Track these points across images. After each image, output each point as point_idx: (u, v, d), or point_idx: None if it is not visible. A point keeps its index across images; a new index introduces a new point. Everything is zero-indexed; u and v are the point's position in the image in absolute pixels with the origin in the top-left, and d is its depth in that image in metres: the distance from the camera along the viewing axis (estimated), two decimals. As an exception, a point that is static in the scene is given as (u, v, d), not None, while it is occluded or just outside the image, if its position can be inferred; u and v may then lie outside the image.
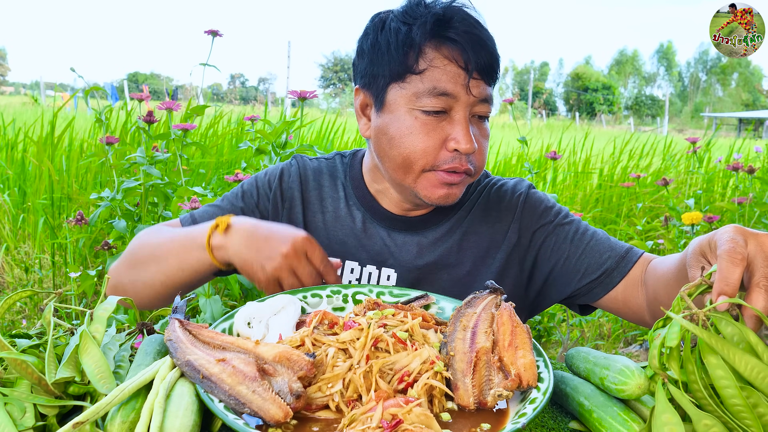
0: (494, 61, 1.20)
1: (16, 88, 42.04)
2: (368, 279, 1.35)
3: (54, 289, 3.30)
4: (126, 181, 2.79)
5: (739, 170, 3.65)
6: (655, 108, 72.55)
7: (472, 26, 1.19)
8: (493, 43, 1.22)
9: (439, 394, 0.81)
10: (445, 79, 1.17)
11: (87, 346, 0.84)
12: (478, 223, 1.37)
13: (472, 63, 1.17)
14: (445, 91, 1.17)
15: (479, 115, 1.23)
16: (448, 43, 1.18)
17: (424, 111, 1.19)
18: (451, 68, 1.18)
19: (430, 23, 1.18)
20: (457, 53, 1.18)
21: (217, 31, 2.85)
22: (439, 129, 1.19)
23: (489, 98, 1.22)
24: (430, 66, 1.18)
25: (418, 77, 1.19)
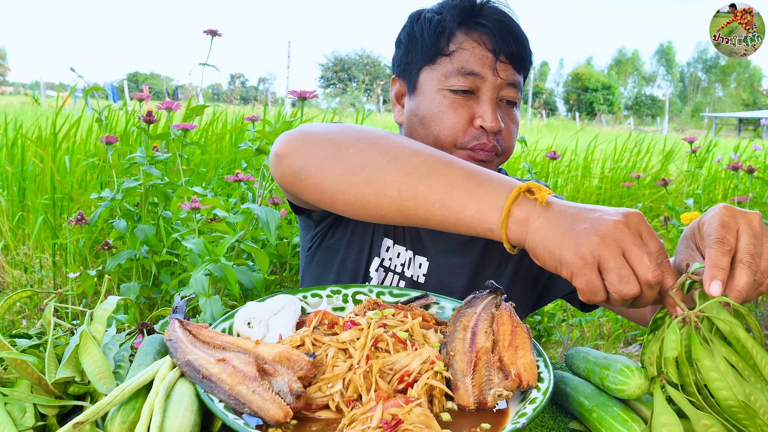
0: (522, 49, 1.25)
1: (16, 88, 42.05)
2: (409, 265, 1.36)
3: (54, 289, 3.31)
4: (126, 181, 2.79)
5: (739, 170, 3.65)
6: (654, 108, 72.55)
7: (503, 16, 1.25)
8: (523, 34, 1.26)
9: (439, 394, 0.81)
10: (473, 60, 1.23)
11: (87, 346, 0.84)
12: None
13: (500, 47, 1.22)
14: (473, 71, 1.22)
15: (507, 100, 1.26)
16: (478, 28, 1.24)
17: (452, 90, 1.23)
18: (479, 51, 1.23)
19: (461, 9, 1.25)
20: (486, 37, 1.23)
21: (216, 31, 2.85)
22: (466, 107, 1.23)
23: (517, 84, 1.25)
24: (459, 48, 1.24)
25: (447, 59, 1.24)
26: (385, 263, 1.37)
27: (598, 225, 0.77)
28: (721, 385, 0.72)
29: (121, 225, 2.68)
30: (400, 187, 0.90)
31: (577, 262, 0.77)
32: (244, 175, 2.72)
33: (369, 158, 0.92)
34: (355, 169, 0.92)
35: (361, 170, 0.92)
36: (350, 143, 0.94)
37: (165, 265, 2.92)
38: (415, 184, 0.89)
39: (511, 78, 1.24)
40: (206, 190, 2.83)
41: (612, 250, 0.76)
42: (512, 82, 1.25)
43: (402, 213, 0.92)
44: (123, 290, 2.65)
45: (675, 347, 0.74)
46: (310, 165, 0.96)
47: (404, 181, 0.90)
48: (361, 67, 74.38)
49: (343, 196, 0.94)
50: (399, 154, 0.92)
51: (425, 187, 0.89)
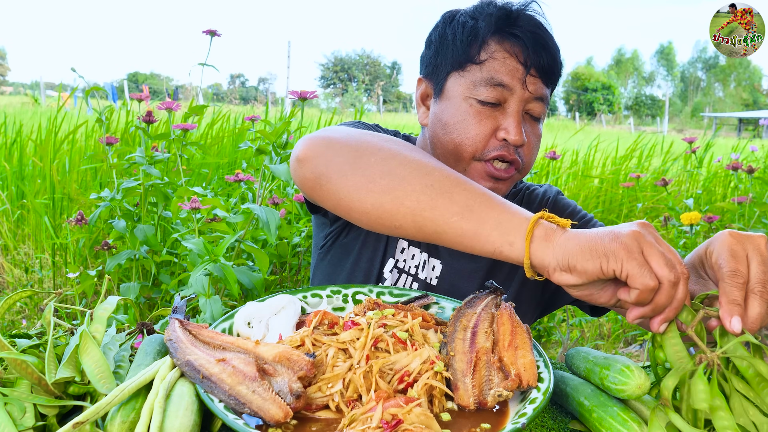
0: (554, 64, 1.23)
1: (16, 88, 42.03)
2: (423, 267, 1.36)
3: (54, 289, 3.30)
4: (125, 181, 2.79)
5: (739, 170, 3.65)
6: (654, 108, 72.57)
7: (537, 27, 1.22)
8: (556, 47, 1.24)
9: (439, 394, 0.81)
10: (503, 71, 1.21)
11: (87, 346, 0.84)
12: None
13: (532, 60, 1.20)
14: (502, 82, 1.20)
15: (532, 115, 1.25)
16: (511, 39, 1.21)
17: (479, 100, 1.21)
18: (510, 62, 1.21)
19: (496, 18, 1.22)
20: (518, 49, 1.21)
21: (215, 31, 2.85)
22: (491, 118, 1.22)
23: (544, 98, 1.24)
24: (490, 57, 1.21)
25: (477, 67, 1.22)
26: (399, 264, 1.37)
27: (618, 233, 0.78)
28: None
29: (121, 225, 2.68)
30: (420, 197, 0.89)
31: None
32: (244, 175, 2.72)
33: (390, 168, 0.92)
34: (375, 177, 0.92)
35: (381, 179, 0.91)
36: (372, 152, 0.94)
37: (165, 265, 2.92)
38: (436, 195, 0.89)
39: (539, 92, 1.23)
40: (206, 190, 2.83)
41: (634, 261, 0.76)
42: (540, 96, 1.23)
43: (417, 225, 0.90)
44: (123, 290, 2.65)
45: (705, 399, 0.72)
46: (330, 171, 0.95)
47: (424, 192, 0.89)
48: (361, 67, 74.38)
49: (360, 203, 0.93)
50: (421, 166, 0.91)
51: (446, 199, 0.88)
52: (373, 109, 16.64)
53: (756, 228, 3.40)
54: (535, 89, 1.22)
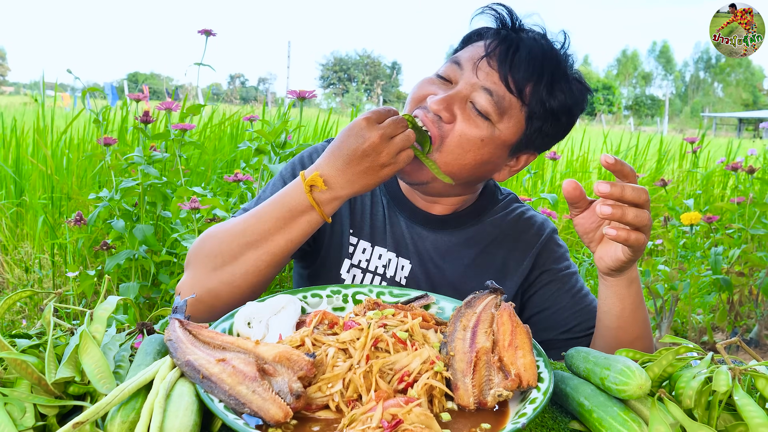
0: (517, 65, 1.18)
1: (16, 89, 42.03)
2: (388, 263, 1.37)
3: (54, 289, 3.30)
4: (124, 181, 2.79)
5: (739, 170, 3.65)
6: (654, 108, 72.58)
7: (534, 40, 1.21)
8: (539, 62, 1.19)
9: (439, 394, 0.81)
10: (467, 53, 1.23)
11: (87, 346, 0.84)
12: (496, 246, 1.38)
13: (496, 48, 1.19)
14: (458, 61, 1.23)
15: (476, 108, 1.19)
16: (497, 34, 1.23)
17: (437, 73, 1.25)
18: (478, 48, 1.23)
19: (501, 19, 1.25)
20: (491, 38, 1.22)
21: (210, 31, 2.85)
22: (434, 88, 1.23)
23: (493, 92, 1.18)
24: (470, 45, 1.26)
25: (459, 52, 1.26)
26: (362, 264, 1.37)
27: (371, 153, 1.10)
28: None
29: (120, 225, 2.68)
30: (261, 259, 1.17)
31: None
32: (243, 175, 2.72)
33: (226, 260, 1.19)
34: (226, 272, 1.19)
35: (230, 267, 1.19)
36: (210, 262, 1.21)
37: (164, 265, 2.92)
38: (269, 249, 1.17)
39: (488, 84, 1.18)
40: (205, 190, 2.83)
41: (389, 152, 1.11)
42: (488, 88, 1.18)
43: (271, 254, 1.17)
44: (122, 290, 2.65)
45: (726, 383, 0.77)
46: (207, 288, 1.20)
47: (248, 246, 1.18)
48: (361, 67, 74.37)
49: (232, 287, 1.19)
50: (237, 234, 1.19)
51: (273, 245, 1.17)
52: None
53: (756, 228, 3.40)
54: (485, 78, 1.19)
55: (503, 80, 1.19)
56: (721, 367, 0.80)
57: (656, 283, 3.03)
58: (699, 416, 0.79)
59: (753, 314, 3.51)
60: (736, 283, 3.33)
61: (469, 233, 1.38)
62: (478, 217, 1.39)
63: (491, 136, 1.21)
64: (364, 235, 1.38)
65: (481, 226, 1.39)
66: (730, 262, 3.34)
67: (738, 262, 3.52)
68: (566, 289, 1.36)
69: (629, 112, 69.27)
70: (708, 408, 0.80)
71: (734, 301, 3.51)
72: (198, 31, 2.86)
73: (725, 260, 3.32)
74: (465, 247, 1.37)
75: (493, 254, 1.38)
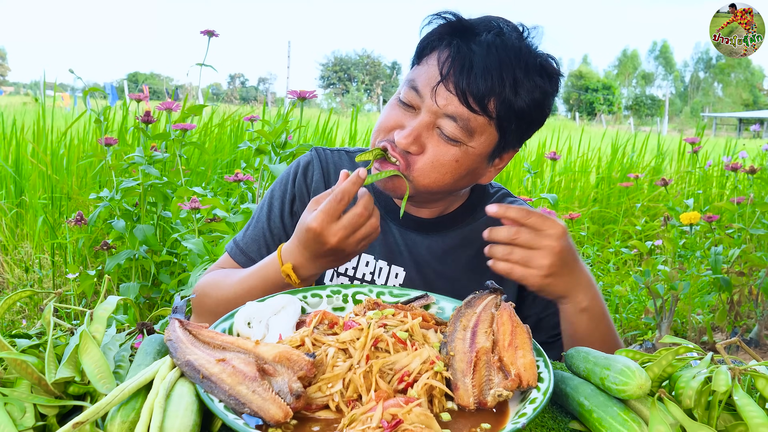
0: (474, 83, 1.12)
1: (17, 89, 42.00)
2: (379, 274, 1.36)
3: (54, 289, 3.30)
4: (124, 181, 2.79)
5: (738, 170, 3.65)
6: (654, 108, 72.60)
7: (485, 46, 1.13)
8: (497, 71, 1.13)
9: (439, 394, 0.81)
10: (423, 77, 1.17)
11: (87, 346, 0.84)
12: None
13: (450, 71, 1.13)
14: (416, 87, 1.17)
15: (443, 133, 1.16)
16: (449, 48, 1.16)
17: (400, 99, 1.21)
18: (433, 70, 1.16)
19: (452, 26, 1.18)
20: (444, 57, 1.15)
21: (213, 32, 2.86)
22: (400, 116, 1.20)
23: (457, 117, 1.14)
24: (424, 62, 1.19)
25: (416, 68, 1.21)
26: (349, 272, 1.37)
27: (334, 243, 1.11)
28: None
29: (120, 225, 2.68)
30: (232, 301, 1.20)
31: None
32: (243, 175, 2.72)
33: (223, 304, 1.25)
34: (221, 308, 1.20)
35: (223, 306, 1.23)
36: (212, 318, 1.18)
37: (164, 265, 2.92)
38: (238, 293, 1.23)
39: (450, 109, 1.14)
40: (206, 190, 2.83)
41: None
42: (452, 115, 1.14)
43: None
44: (122, 290, 2.65)
45: (726, 383, 0.77)
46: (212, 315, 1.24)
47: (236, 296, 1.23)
48: (361, 67, 74.38)
49: None
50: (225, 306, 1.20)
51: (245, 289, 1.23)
52: (373, 109, 16.65)
53: (756, 228, 3.40)
54: (445, 105, 1.14)
55: (464, 103, 1.13)
56: (720, 367, 0.80)
57: (656, 283, 3.03)
58: (699, 416, 0.79)
59: (753, 314, 3.51)
60: (736, 283, 3.33)
61: (464, 233, 1.37)
62: (472, 215, 1.38)
63: (465, 154, 1.19)
64: None
65: (475, 224, 1.37)
66: (730, 261, 3.34)
67: (738, 262, 3.52)
68: None
69: (629, 112, 69.28)
70: (708, 408, 0.80)
71: (734, 301, 3.51)
72: (201, 32, 2.86)
73: (725, 260, 3.32)
74: (461, 247, 1.36)
75: None
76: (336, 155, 1.43)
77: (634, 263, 4.31)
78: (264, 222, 1.40)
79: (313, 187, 1.39)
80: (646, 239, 4.38)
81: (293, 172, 1.41)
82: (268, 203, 1.41)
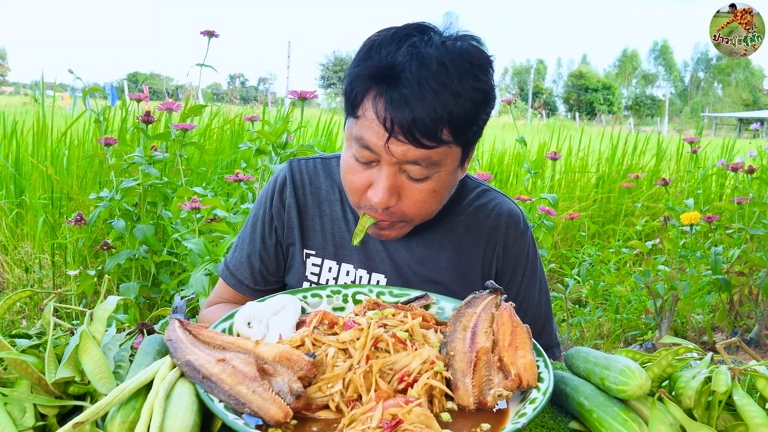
0: (422, 125, 1.09)
1: (17, 89, 41.99)
2: (359, 280, 1.36)
3: (54, 289, 3.30)
4: (125, 181, 2.79)
5: (739, 170, 3.65)
6: (654, 108, 72.57)
7: (415, 82, 1.09)
8: (438, 104, 1.09)
9: (439, 394, 0.81)
10: (370, 133, 1.13)
11: (87, 346, 0.84)
12: (472, 246, 1.37)
13: (395, 124, 1.10)
14: (368, 146, 1.14)
15: (414, 177, 1.16)
16: (381, 98, 1.11)
17: (355, 157, 1.18)
18: (375, 124, 1.12)
19: (373, 71, 1.12)
20: (382, 110, 1.10)
21: (213, 32, 2.86)
22: (366, 174, 1.17)
23: (421, 160, 1.13)
24: (362, 116, 1.14)
25: (355, 121, 1.16)
26: (330, 283, 1.37)
27: None
28: None
29: (120, 225, 2.68)
30: None
31: None
32: (244, 175, 2.72)
33: None
34: None
35: None
36: None
37: (165, 265, 2.92)
38: None
39: (407, 156, 1.12)
40: (206, 190, 2.83)
41: None
42: (413, 160, 1.12)
43: None
44: (122, 290, 2.65)
45: (726, 383, 0.77)
46: None
47: None
48: (361, 67, 74.12)
49: None
50: None
51: None
52: (372, 109, 16.71)
53: (756, 228, 3.40)
54: (403, 153, 1.11)
55: (420, 146, 1.11)
56: (720, 367, 0.80)
57: (656, 283, 3.03)
58: (699, 416, 0.79)
59: (753, 314, 3.51)
60: (736, 283, 3.33)
61: (443, 232, 1.36)
62: (451, 212, 1.37)
63: (439, 181, 1.19)
64: (328, 255, 1.37)
65: (452, 223, 1.37)
66: (730, 262, 3.34)
67: (738, 262, 3.52)
68: (528, 296, 1.40)
69: (629, 112, 69.23)
70: (708, 408, 0.80)
71: (734, 301, 3.51)
72: (201, 33, 2.86)
73: (725, 260, 3.32)
74: (440, 247, 1.36)
75: (470, 257, 1.37)
76: (311, 165, 1.43)
77: (635, 263, 4.31)
78: (248, 244, 1.42)
79: (288, 204, 1.39)
80: (646, 239, 4.38)
81: (270, 193, 1.42)
82: (251, 225, 1.43)
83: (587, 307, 3.66)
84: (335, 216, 1.39)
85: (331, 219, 1.39)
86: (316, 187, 1.41)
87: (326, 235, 1.38)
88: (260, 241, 1.40)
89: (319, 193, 1.40)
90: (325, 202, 1.40)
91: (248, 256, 1.41)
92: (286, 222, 1.39)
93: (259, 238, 1.41)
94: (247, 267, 1.40)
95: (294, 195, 1.40)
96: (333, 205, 1.39)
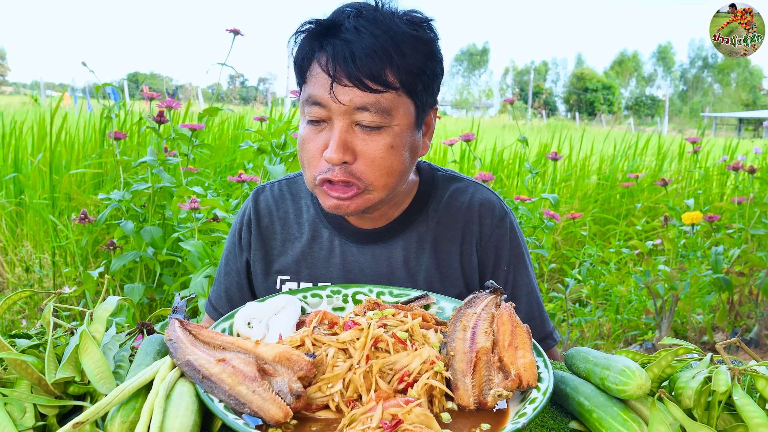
0: (362, 65, 1.11)
1: (16, 88, 41.99)
2: None
3: (54, 289, 3.30)
4: (135, 183, 2.80)
5: (739, 170, 3.65)
6: (654, 108, 72.56)
7: (353, 29, 1.13)
8: (378, 45, 1.12)
9: (439, 394, 0.81)
10: (317, 87, 1.15)
11: (87, 346, 0.84)
12: (448, 243, 1.34)
13: (338, 69, 1.12)
14: (317, 100, 1.15)
15: (365, 125, 1.15)
16: (324, 50, 1.14)
17: (308, 120, 1.18)
18: (321, 77, 1.14)
19: (313, 34, 1.17)
20: (324, 60, 1.14)
21: (238, 31, 2.84)
22: (320, 137, 1.17)
23: (371, 106, 1.13)
24: (310, 75, 1.17)
25: (306, 86, 1.18)
26: None
27: None
28: None
29: (129, 226, 2.67)
30: None
31: None
32: (247, 176, 2.72)
33: None
34: None
35: None
36: None
37: (167, 266, 2.92)
38: None
39: (357, 101, 1.12)
40: (207, 191, 2.83)
41: None
42: (361, 106, 1.13)
43: None
44: (127, 291, 2.65)
45: (725, 383, 0.77)
46: None
47: None
48: (361, 67, 74.11)
49: None
50: None
51: None
52: (373, 109, 16.69)
53: (756, 228, 3.40)
54: (351, 99, 1.12)
55: (365, 89, 1.13)
56: (720, 368, 0.80)
57: (656, 283, 3.03)
58: (699, 416, 0.79)
59: (753, 314, 3.51)
60: (736, 283, 3.33)
61: (418, 234, 1.34)
62: (424, 208, 1.35)
63: (394, 136, 1.18)
64: (303, 277, 1.36)
65: (426, 223, 1.35)
66: (730, 262, 3.34)
67: (738, 262, 3.52)
68: (514, 286, 1.36)
69: (629, 112, 69.21)
70: (708, 408, 0.80)
71: (734, 301, 3.51)
72: (226, 30, 2.85)
73: (725, 260, 3.32)
74: (419, 249, 1.34)
75: (449, 254, 1.34)
76: (276, 189, 1.42)
77: (635, 263, 4.31)
78: (224, 278, 1.43)
79: (255, 236, 1.39)
80: (646, 239, 4.38)
81: (238, 226, 1.42)
82: (224, 259, 1.44)
83: (588, 307, 3.66)
84: (305, 237, 1.37)
85: (301, 241, 1.37)
86: (283, 212, 1.39)
87: (298, 258, 1.36)
88: (235, 274, 1.41)
89: (287, 218, 1.39)
90: (293, 225, 1.38)
91: (226, 290, 1.42)
92: (255, 253, 1.39)
93: (234, 271, 1.42)
94: (226, 301, 1.42)
95: (258, 226, 1.39)
96: (302, 227, 1.37)
